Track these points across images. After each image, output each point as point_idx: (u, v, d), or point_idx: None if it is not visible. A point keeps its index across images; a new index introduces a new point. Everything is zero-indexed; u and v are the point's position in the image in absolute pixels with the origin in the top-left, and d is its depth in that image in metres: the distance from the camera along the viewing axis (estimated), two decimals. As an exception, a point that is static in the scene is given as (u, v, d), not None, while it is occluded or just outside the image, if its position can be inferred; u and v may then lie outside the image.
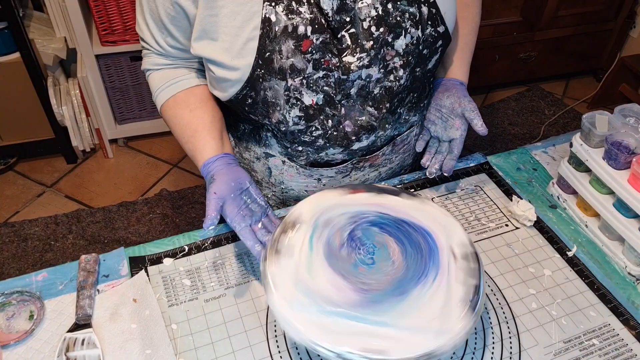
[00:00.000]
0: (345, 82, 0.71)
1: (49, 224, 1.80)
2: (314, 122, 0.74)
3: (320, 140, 0.76)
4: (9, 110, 1.87)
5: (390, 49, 0.71)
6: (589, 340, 0.69)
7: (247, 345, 0.67)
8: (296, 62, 0.68)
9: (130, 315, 0.70)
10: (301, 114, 0.72)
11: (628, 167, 0.75)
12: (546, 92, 2.46)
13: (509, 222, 0.85)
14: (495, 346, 0.68)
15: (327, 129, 0.75)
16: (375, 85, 0.73)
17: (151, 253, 0.78)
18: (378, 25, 0.69)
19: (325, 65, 0.69)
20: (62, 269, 0.76)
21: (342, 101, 0.73)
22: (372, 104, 0.75)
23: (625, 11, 2.29)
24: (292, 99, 0.71)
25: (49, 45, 1.85)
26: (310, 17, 0.66)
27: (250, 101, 0.72)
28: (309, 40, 0.67)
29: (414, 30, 0.71)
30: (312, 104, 0.72)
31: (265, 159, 0.84)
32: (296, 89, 0.70)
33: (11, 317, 0.69)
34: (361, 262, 0.63)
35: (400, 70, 0.73)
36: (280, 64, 0.68)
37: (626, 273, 0.78)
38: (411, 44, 0.72)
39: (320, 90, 0.71)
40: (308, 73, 0.69)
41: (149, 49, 0.79)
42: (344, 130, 0.76)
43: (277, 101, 0.71)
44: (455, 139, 0.83)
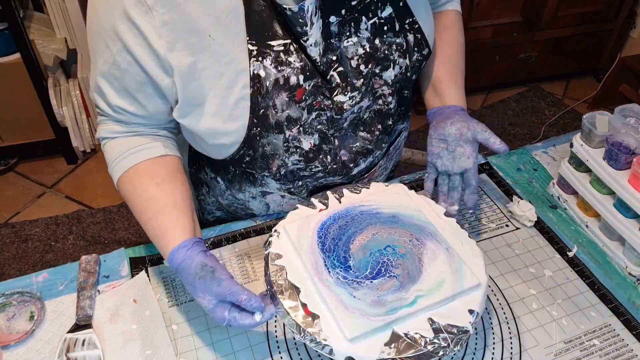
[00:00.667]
0: (339, 120, 0.70)
1: (49, 225, 1.80)
2: (314, 162, 0.72)
3: (319, 174, 0.75)
4: (9, 111, 1.87)
5: (378, 79, 0.70)
6: (589, 341, 0.69)
7: (248, 345, 0.67)
8: (292, 112, 0.65)
9: (131, 316, 0.70)
10: (301, 159, 0.71)
11: (628, 167, 0.75)
12: (546, 92, 2.46)
13: (509, 223, 0.85)
14: (495, 346, 0.68)
15: (326, 164, 0.73)
16: (364, 111, 0.72)
17: (151, 254, 0.78)
18: (367, 63, 0.68)
19: (317, 106, 0.67)
20: (62, 270, 0.76)
21: (334, 134, 0.72)
22: (363, 129, 0.74)
23: (626, 11, 2.29)
24: (292, 148, 0.69)
25: (49, 46, 1.85)
26: (300, 66, 0.63)
27: (249, 158, 0.69)
28: (302, 89, 0.64)
29: (402, 60, 0.70)
30: (311, 146, 0.70)
31: (263, 197, 0.80)
32: (294, 138, 0.68)
33: (12, 318, 0.69)
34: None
35: (389, 97, 0.72)
36: (276, 118, 0.65)
37: (627, 273, 0.78)
38: (400, 73, 0.71)
39: (315, 130, 0.69)
40: (304, 119, 0.67)
41: (104, 116, 0.69)
42: (342, 160, 0.74)
43: (276, 152, 0.69)
44: (469, 168, 0.74)
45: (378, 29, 0.67)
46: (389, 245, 0.65)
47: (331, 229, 0.67)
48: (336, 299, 0.59)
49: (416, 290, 0.61)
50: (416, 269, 0.63)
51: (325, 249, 0.64)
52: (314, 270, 0.62)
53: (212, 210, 0.91)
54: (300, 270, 0.63)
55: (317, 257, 0.63)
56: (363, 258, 0.64)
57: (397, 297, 0.60)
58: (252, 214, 0.86)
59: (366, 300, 0.59)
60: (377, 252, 0.64)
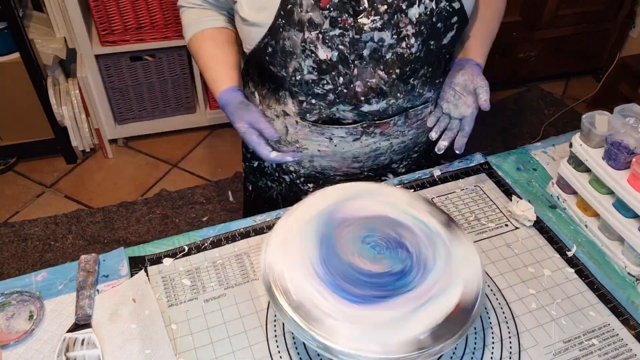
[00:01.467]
0: (358, 42, 0.74)
1: (48, 224, 1.80)
2: (326, 76, 0.77)
3: (330, 95, 0.79)
4: (8, 110, 1.87)
5: (403, 17, 0.73)
6: (588, 340, 0.69)
7: (247, 345, 0.67)
8: (314, 16, 0.73)
9: (130, 315, 0.70)
10: (314, 65, 0.76)
11: (628, 167, 0.75)
12: (546, 92, 2.46)
13: (508, 222, 0.85)
14: (495, 346, 0.68)
15: (337, 85, 0.78)
16: (387, 50, 0.76)
17: (151, 253, 0.78)
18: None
19: (341, 24, 0.73)
20: (61, 269, 0.75)
21: (355, 61, 0.76)
22: (383, 68, 0.77)
23: (625, 11, 2.29)
24: (308, 51, 0.75)
25: (48, 46, 1.85)
26: None
27: (271, 50, 0.77)
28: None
29: (428, 1, 0.73)
30: (327, 58, 0.75)
31: (283, 117, 0.87)
32: (312, 42, 0.74)
33: (11, 317, 0.69)
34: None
35: (412, 39, 0.75)
36: (299, 16, 0.73)
37: (626, 273, 0.78)
38: (424, 14, 0.74)
39: (335, 47, 0.75)
40: (324, 29, 0.73)
41: None
42: (354, 90, 0.78)
43: (294, 50, 0.75)
44: (467, 116, 0.83)
45: None
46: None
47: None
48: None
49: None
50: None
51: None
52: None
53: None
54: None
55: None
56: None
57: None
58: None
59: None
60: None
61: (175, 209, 1.87)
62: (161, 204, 1.88)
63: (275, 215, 0.85)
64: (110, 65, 1.91)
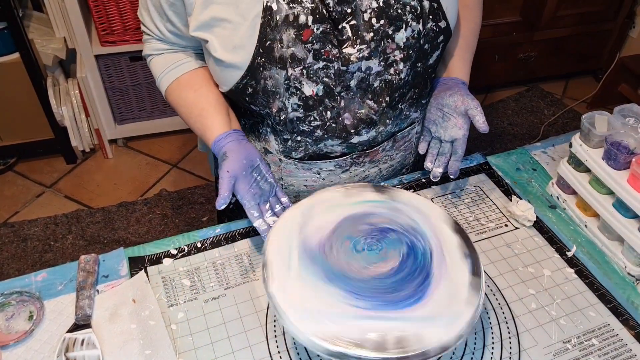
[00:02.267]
0: (345, 73, 0.71)
1: (48, 224, 1.79)
2: (313, 112, 0.74)
3: (318, 131, 0.76)
4: (8, 110, 1.87)
5: (390, 42, 0.71)
6: (588, 341, 0.69)
7: (247, 345, 0.67)
8: (297, 51, 0.69)
9: (130, 316, 0.70)
10: (300, 104, 0.73)
11: (627, 167, 0.75)
12: (546, 92, 2.46)
13: (508, 222, 0.85)
14: (494, 346, 0.68)
15: (325, 120, 0.75)
16: (375, 78, 0.73)
17: (151, 253, 0.78)
18: (379, 17, 0.69)
19: (325, 55, 0.70)
20: (61, 270, 0.75)
21: (341, 93, 0.73)
22: (371, 97, 0.75)
23: (625, 11, 2.29)
24: (292, 88, 0.71)
25: (48, 46, 1.85)
26: (311, 7, 0.67)
27: (251, 90, 0.73)
28: (310, 30, 0.68)
29: (415, 24, 0.71)
30: (312, 94, 0.72)
31: (265, 154, 0.84)
32: (296, 79, 0.71)
33: (10, 318, 0.69)
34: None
35: (400, 64, 0.73)
36: (280, 52, 0.69)
37: (625, 273, 0.78)
38: (412, 37, 0.72)
39: (320, 81, 0.71)
40: (308, 63, 0.70)
41: (149, 35, 0.82)
42: (343, 123, 0.76)
43: (277, 90, 0.72)
44: (458, 138, 0.82)
45: None
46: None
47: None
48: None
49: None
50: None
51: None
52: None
53: None
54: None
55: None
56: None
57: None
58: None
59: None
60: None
61: (175, 209, 1.87)
62: (161, 204, 1.88)
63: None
64: (110, 66, 1.91)
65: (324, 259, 0.63)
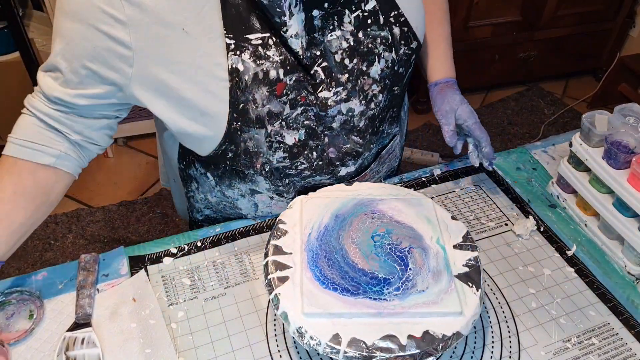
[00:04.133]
0: (325, 117, 0.69)
1: (48, 223, 1.79)
2: (299, 158, 0.72)
3: (306, 172, 0.75)
4: (8, 109, 1.86)
5: (366, 78, 0.69)
6: (588, 340, 0.69)
7: (247, 344, 0.67)
8: (273, 107, 0.64)
9: (130, 315, 0.70)
10: (285, 155, 0.70)
11: (627, 166, 0.75)
12: (546, 91, 2.46)
13: (508, 222, 0.85)
14: (494, 345, 0.68)
15: (312, 160, 0.73)
16: (360, 119, 0.71)
17: (151, 252, 0.78)
18: (351, 57, 0.67)
19: (302, 101, 0.66)
20: (61, 268, 0.75)
21: (324, 131, 0.71)
22: (357, 134, 0.73)
23: (625, 11, 2.29)
24: (275, 143, 0.68)
25: (48, 45, 1.85)
26: (280, 59, 0.63)
27: (232, 155, 0.68)
28: (283, 83, 0.63)
29: (387, 54, 0.69)
30: (295, 142, 0.69)
31: (251, 195, 0.80)
32: (277, 133, 0.67)
33: (11, 317, 0.69)
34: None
35: (379, 96, 0.71)
36: (256, 113, 0.64)
37: (626, 272, 0.78)
38: (387, 67, 0.70)
39: (302, 125, 0.68)
40: (286, 114, 0.66)
41: (42, 95, 0.66)
42: (328, 157, 0.74)
43: (259, 149, 0.68)
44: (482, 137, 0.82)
45: (362, 22, 0.66)
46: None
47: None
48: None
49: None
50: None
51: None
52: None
53: (200, 209, 0.90)
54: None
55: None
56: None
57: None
58: (240, 215, 0.85)
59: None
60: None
61: (175, 209, 1.87)
62: (161, 203, 1.88)
63: (271, 216, 0.85)
64: (110, 65, 1.91)
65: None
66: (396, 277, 0.62)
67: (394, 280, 0.62)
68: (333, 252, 0.65)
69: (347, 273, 0.62)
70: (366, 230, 0.68)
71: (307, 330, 0.57)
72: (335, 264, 0.63)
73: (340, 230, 0.68)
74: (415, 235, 0.67)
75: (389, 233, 0.67)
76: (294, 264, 0.63)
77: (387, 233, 0.67)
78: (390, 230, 0.68)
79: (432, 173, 0.93)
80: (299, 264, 0.63)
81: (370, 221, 0.69)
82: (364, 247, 0.65)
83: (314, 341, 0.57)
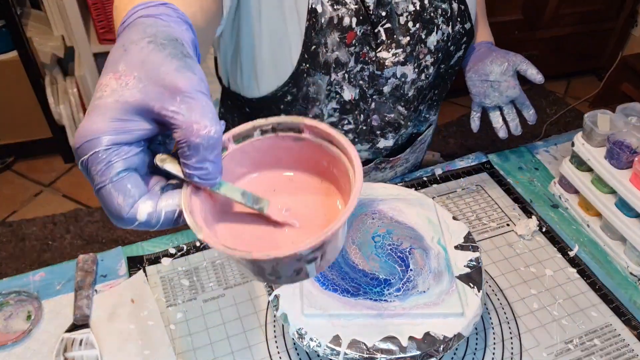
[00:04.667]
0: (379, 78, 0.69)
1: (46, 224, 1.79)
2: (348, 116, 0.72)
3: (350, 135, 0.75)
4: (6, 109, 1.86)
5: (423, 46, 0.70)
6: (590, 341, 0.68)
7: (247, 345, 0.67)
8: (341, 55, 0.66)
9: (129, 316, 0.69)
10: (337, 107, 0.71)
11: (630, 166, 0.75)
12: (548, 91, 2.46)
13: (510, 222, 0.84)
14: (496, 346, 0.67)
15: (358, 123, 0.73)
16: (410, 87, 0.71)
17: (149, 252, 0.78)
18: (415, 21, 0.68)
19: (362, 58, 0.67)
20: (59, 269, 0.75)
21: (373, 96, 0.71)
22: (404, 104, 0.73)
23: (627, 10, 2.29)
24: (333, 93, 0.69)
25: (46, 44, 1.84)
26: (355, 8, 0.64)
27: (290, 98, 0.69)
28: (353, 32, 0.65)
29: (445, 27, 0.70)
30: (351, 98, 0.70)
31: None
32: (338, 84, 0.68)
33: (8, 318, 0.69)
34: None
35: (430, 68, 0.72)
36: (325, 57, 0.65)
37: (628, 273, 0.77)
38: (442, 40, 0.71)
39: (357, 84, 0.69)
40: (350, 66, 0.67)
41: None
42: (371, 124, 0.74)
43: (318, 96, 0.69)
44: (517, 96, 0.83)
45: None
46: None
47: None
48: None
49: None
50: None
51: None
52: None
53: None
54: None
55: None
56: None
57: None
58: None
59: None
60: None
61: (174, 208, 1.86)
62: (160, 203, 1.88)
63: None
64: (109, 64, 1.90)
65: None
66: (397, 277, 0.62)
67: (395, 281, 0.61)
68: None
69: (348, 274, 0.62)
70: (366, 230, 0.67)
71: (307, 332, 0.57)
72: (336, 265, 0.63)
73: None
74: (416, 236, 0.67)
75: (389, 234, 0.67)
76: None
77: (387, 234, 0.66)
78: (390, 230, 0.67)
79: (433, 173, 0.92)
80: None
81: (370, 221, 0.68)
82: (364, 248, 0.65)
83: (314, 342, 0.56)
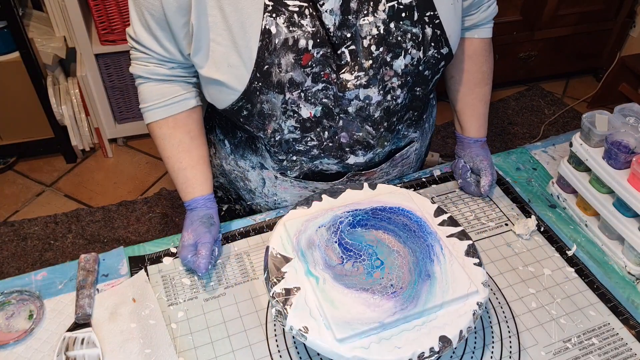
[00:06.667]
0: (342, 99, 0.70)
1: (48, 223, 1.79)
2: (310, 133, 0.72)
3: (314, 150, 0.75)
4: (8, 109, 1.87)
5: (388, 69, 0.69)
6: (588, 340, 0.69)
7: (247, 344, 0.67)
8: (295, 76, 0.66)
9: (130, 315, 0.70)
10: (297, 125, 0.71)
11: (628, 166, 0.75)
12: (546, 91, 2.46)
13: (508, 222, 0.85)
14: (495, 345, 0.68)
15: (322, 140, 0.74)
16: (375, 108, 0.71)
17: (151, 252, 0.78)
18: (378, 45, 0.67)
19: (325, 78, 0.67)
20: (61, 269, 0.75)
21: (340, 114, 0.72)
22: (371, 125, 0.73)
23: (625, 10, 2.29)
24: (289, 111, 0.69)
25: (48, 45, 1.85)
26: (312, 31, 0.64)
27: (246, 113, 0.71)
28: (310, 54, 0.65)
29: (415, 52, 0.69)
30: (310, 116, 0.70)
31: (260, 169, 0.82)
32: (294, 102, 0.68)
33: (11, 317, 0.69)
34: (371, 267, 0.63)
35: (397, 90, 0.71)
36: (279, 77, 0.66)
37: (626, 272, 0.78)
38: (411, 64, 0.70)
39: (319, 102, 0.69)
40: (306, 86, 0.67)
41: (148, 54, 0.72)
42: (339, 141, 0.74)
43: (273, 113, 0.70)
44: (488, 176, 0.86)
45: (395, 13, 0.67)
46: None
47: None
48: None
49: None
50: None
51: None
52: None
53: (216, 174, 0.92)
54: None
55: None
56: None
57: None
58: (249, 189, 0.87)
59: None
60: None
61: (175, 208, 1.87)
62: (161, 203, 1.88)
63: (275, 215, 0.85)
64: (109, 65, 1.91)
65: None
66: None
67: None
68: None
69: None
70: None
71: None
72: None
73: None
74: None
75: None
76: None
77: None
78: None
79: (432, 173, 0.93)
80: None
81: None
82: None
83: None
